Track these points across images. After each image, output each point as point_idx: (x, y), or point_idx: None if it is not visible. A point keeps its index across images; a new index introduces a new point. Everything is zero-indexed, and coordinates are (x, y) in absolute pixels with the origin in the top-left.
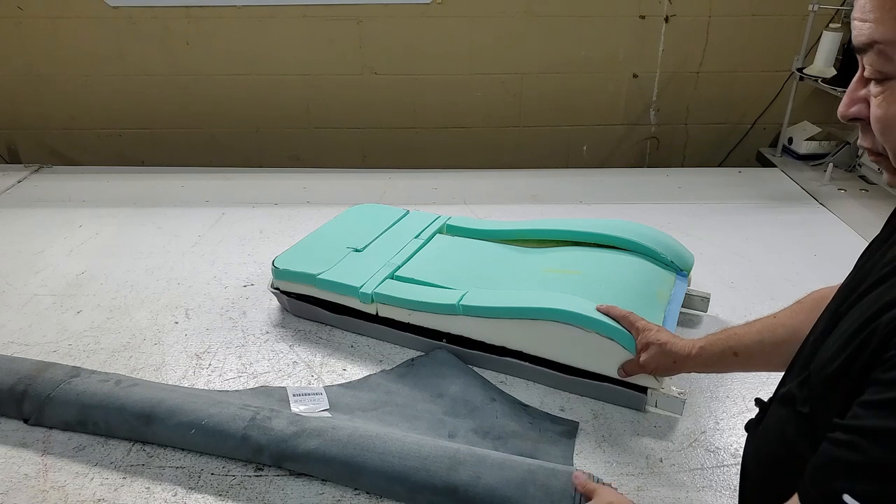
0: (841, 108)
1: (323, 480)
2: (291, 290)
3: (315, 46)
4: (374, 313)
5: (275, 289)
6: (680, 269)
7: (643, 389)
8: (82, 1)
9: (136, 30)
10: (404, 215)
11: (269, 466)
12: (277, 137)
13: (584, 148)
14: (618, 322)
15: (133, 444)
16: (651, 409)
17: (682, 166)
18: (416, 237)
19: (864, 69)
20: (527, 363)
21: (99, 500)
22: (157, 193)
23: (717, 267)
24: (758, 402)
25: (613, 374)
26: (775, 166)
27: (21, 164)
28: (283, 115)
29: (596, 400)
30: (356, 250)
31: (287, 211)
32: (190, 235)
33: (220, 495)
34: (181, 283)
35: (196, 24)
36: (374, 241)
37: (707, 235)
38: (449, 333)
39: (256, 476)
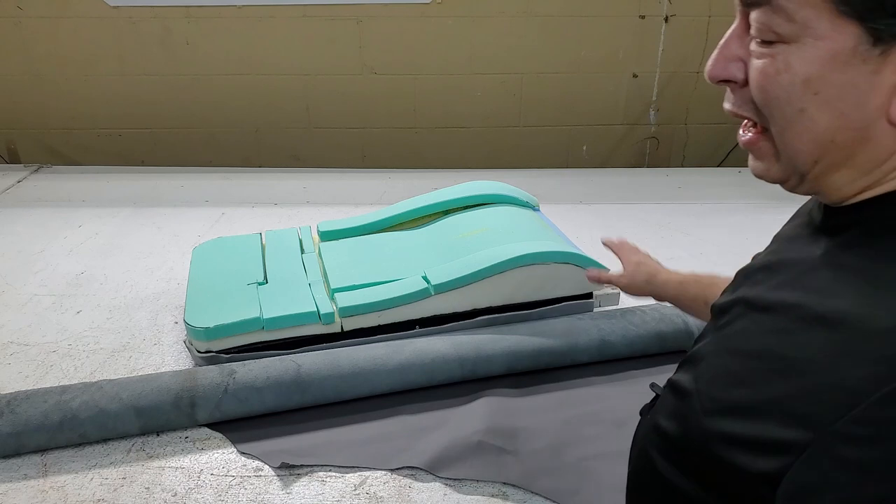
0: (712, 69)
1: (323, 481)
2: (230, 346)
3: (315, 46)
4: (339, 330)
5: (206, 352)
6: (534, 206)
7: (590, 295)
8: (82, 1)
9: (136, 30)
10: (264, 236)
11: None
12: (277, 137)
13: (584, 148)
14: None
15: (133, 444)
16: (597, 309)
17: (682, 166)
18: (303, 253)
19: (746, 25)
20: (495, 314)
21: (99, 500)
22: (157, 193)
23: (717, 267)
24: (653, 386)
25: (575, 292)
26: None
27: (21, 164)
28: (283, 115)
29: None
30: (260, 283)
31: (287, 211)
32: (190, 235)
33: (220, 495)
34: (181, 283)
35: (196, 24)
36: (267, 269)
37: (707, 235)
38: (422, 319)
39: (256, 476)
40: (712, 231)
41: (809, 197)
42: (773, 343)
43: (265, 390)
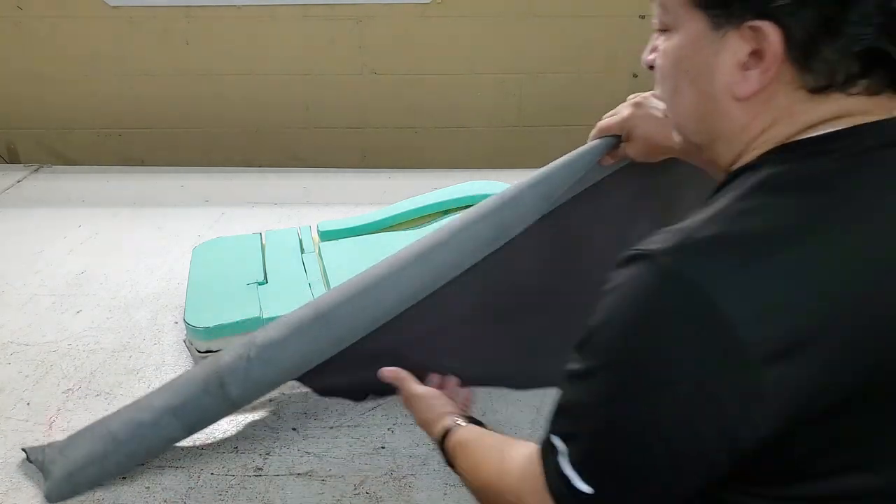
0: (643, 58)
1: (323, 480)
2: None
3: (315, 46)
4: None
5: (206, 352)
6: None
7: None
8: (82, 1)
9: (136, 30)
10: (264, 236)
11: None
12: (277, 137)
13: None
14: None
15: None
16: None
17: None
18: (303, 253)
19: None
20: None
21: (99, 500)
22: (157, 193)
23: None
24: None
25: None
26: None
27: (21, 164)
28: (283, 115)
29: None
30: (260, 283)
31: (287, 211)
32: (190, 235)
33: (220, 495)
34: (181, 283)
35: (196, 24)
36: (267, 269)
37: None
38: None
39: (256, 476)
40: None
41: None
42: None
43: (288, 340)
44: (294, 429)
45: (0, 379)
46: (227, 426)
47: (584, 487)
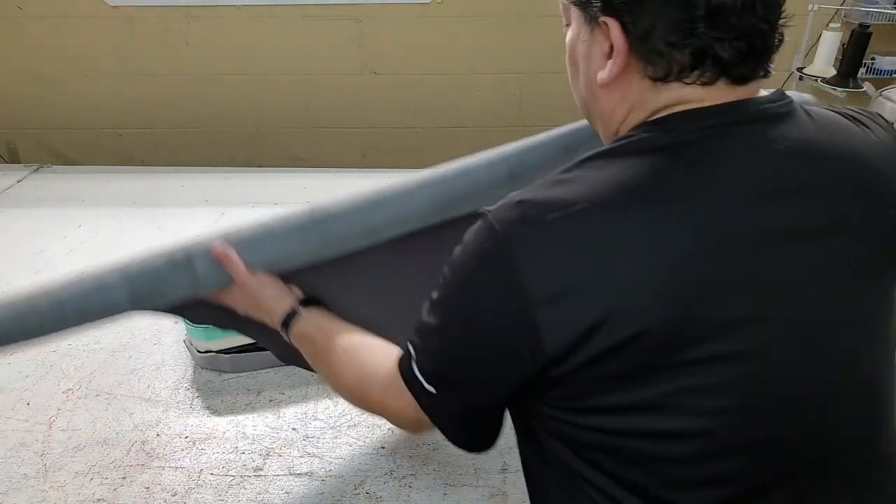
0: None
1: (323, 479)
2: (230, 346)
3: (315, 46)
4: None
5: (206, 352)
6: None
7: None
8: (82, 1)
9: (136, 30)
10: None
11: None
12: (277, 137)
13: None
14: None
15: (133, 444)
16: None
17: None
18: None
19: None
20: None
21: (99, 500)
22: (157, 193)
23: None
24: None
25: None
26: None
27: (21, 163)
28: (283, 115)
29: None
30: None
31: (286, 211)
32: (190, 235)
33: (220, 495)
34: None
35: (196, 24)
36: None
37: None
38: None
39: (256, 476)
40: None
41: None
42: None
43: (277, 231)
44: (294, 429)
45: (0, 379)
46: (226, 426)
47: (430, 388)
